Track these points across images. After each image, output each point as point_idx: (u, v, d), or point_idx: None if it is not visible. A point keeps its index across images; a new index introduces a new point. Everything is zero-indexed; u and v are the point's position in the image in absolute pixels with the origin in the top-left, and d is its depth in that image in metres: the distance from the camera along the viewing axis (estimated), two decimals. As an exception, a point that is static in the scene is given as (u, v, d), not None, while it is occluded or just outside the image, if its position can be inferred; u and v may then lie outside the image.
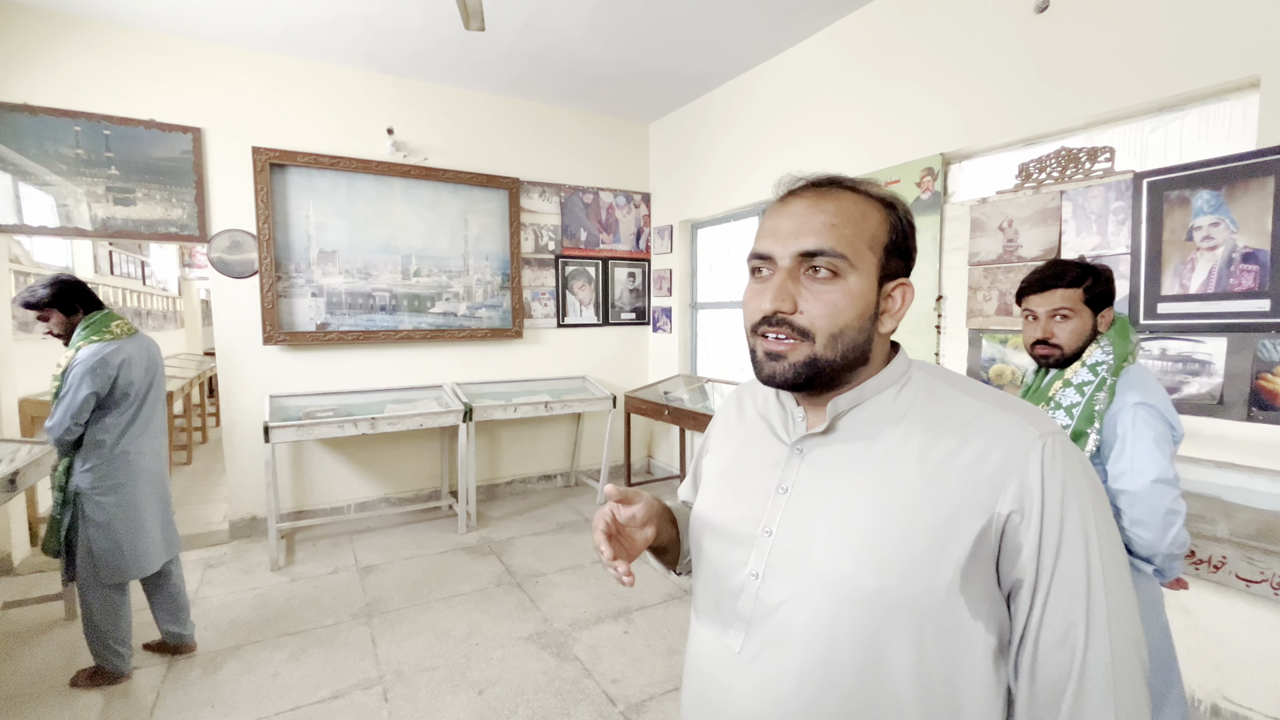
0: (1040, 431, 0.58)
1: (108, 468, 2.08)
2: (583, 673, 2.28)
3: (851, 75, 3.11)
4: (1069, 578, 0.55)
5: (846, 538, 0.60)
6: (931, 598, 0.56)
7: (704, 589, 0.72)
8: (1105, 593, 0.56)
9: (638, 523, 0.72)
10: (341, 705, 2.09)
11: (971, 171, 2.69)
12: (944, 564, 0.56)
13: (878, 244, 0.63)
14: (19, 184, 3.02)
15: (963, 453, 0.58)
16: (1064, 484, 0.56)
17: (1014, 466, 0.56)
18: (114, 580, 2.09)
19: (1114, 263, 2.15)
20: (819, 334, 0.61)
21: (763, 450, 0.71)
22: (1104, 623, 0.56)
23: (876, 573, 0.57)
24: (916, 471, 0.59)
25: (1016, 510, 0.56)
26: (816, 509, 0.63)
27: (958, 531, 0.56)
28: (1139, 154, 2.17)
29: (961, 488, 0.57)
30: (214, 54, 3.36)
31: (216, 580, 3.05)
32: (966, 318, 2.63)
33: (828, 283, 0.62)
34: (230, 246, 3.47)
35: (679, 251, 4.63)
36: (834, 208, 0.63)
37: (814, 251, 0.61)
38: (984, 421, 0.60)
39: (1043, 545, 0.55)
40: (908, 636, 0.57)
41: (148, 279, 7.23)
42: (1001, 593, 0.58)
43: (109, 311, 2.18)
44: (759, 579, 0.64)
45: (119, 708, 2.06)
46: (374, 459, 3.98)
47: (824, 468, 0.65)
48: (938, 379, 0.66)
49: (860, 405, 0.65)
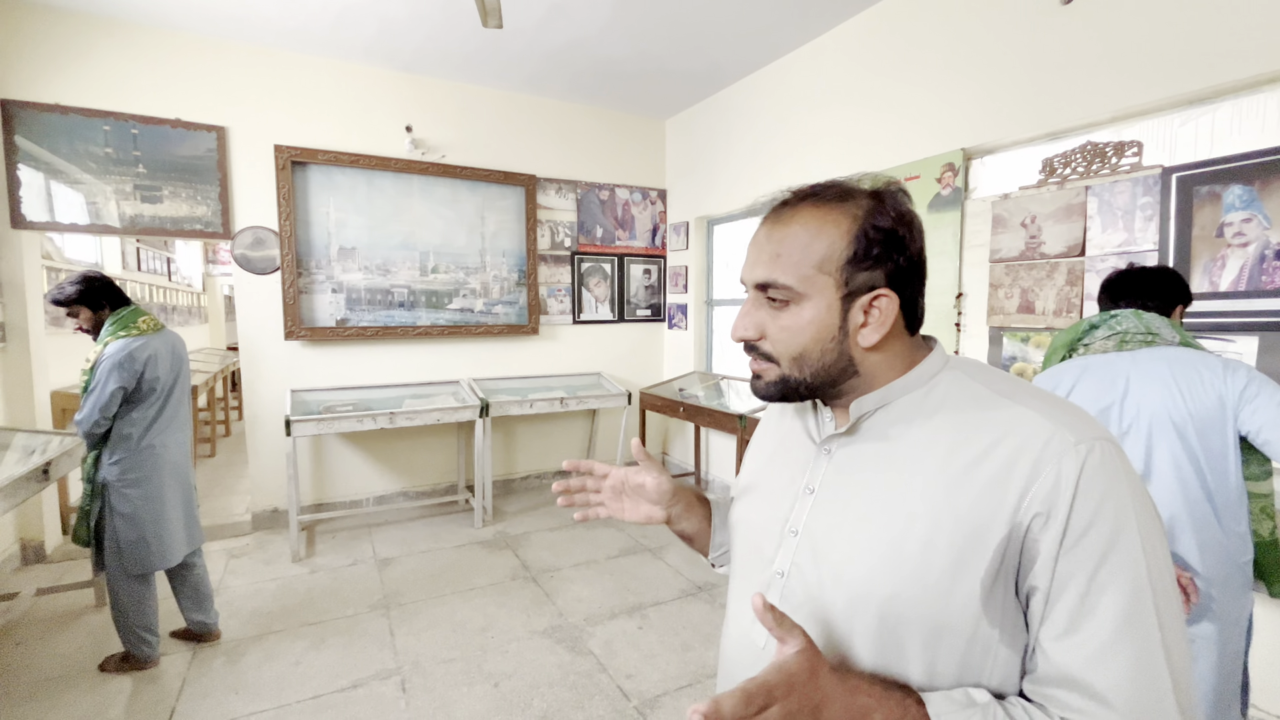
0: (1079, 438, 0.53)
1: (133, 461, 2.13)
2: (597, 667, 2.30)
3: (870, 70, 3.08)
4: (1114, 597, 0.50)
5: (864, 541, 0.59)
6: (948, 608, 0.54)
7: (736, 584, 0.74)
8: (1159, 611, 0.50)
9: (648, 497, 0.78)
10: (360, 694, 2.12)
11: (994, 167, 2.65)
12: (963, 575, 0.53)
13: (831, 264, 0.60)
14: (51, 182, 3.10)
15: (991, 459, 0.55)
16: (1103, 493, 0.51)
17: (1044, 468, 0.52)
18: (139, 571, 2.15)
19: (1140, 260, 2.11)
20: (781, 358, 0.64)
21: (796, 450, 0.71)
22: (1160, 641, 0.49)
23: (890, 579, 0.56)
24: (939, 477, 0.57)
25: (1042, 513, 0.51)
26: (839, 511, 0.63)
27: (980, 543, 0.53)
28: (1168, 148, 2.12)
29: (988, 496, 0.54)
30: (237, 54, 3.42)
31: (239, 570, 3.11)
32: (987, 315, 2.59)
33: (782, 310, 0.63)
34: (253, 243, 3.53)
35: (695, 248, 4.62)
36: (781, 235, 0.62)
37: (764, 284, 0.63)
38: (1019, 426, 0.55)
39: (1064, 553, 0.51)
40: (923, 645, 0.55)
41: (173, 275, 7.38)
42: (1019, 597, 0.55)
43: (136, 307, 2.23)
44: (784, 577, 0.65)
45: (146, 692, 2.12)
46: (392, 453, 4.03)
47: (848, 469, 0.64)
48: (974, 379, 0.62)
49: (886, 406, 0.63)
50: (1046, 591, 0.52)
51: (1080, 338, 1.52)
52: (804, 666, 0.50)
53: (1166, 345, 1.41)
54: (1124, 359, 1.42)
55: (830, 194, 0.62)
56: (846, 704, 0.51)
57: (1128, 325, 1.45)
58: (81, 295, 2.12)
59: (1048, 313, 2.37)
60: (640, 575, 3.09)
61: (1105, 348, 1.46)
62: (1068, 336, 1.56)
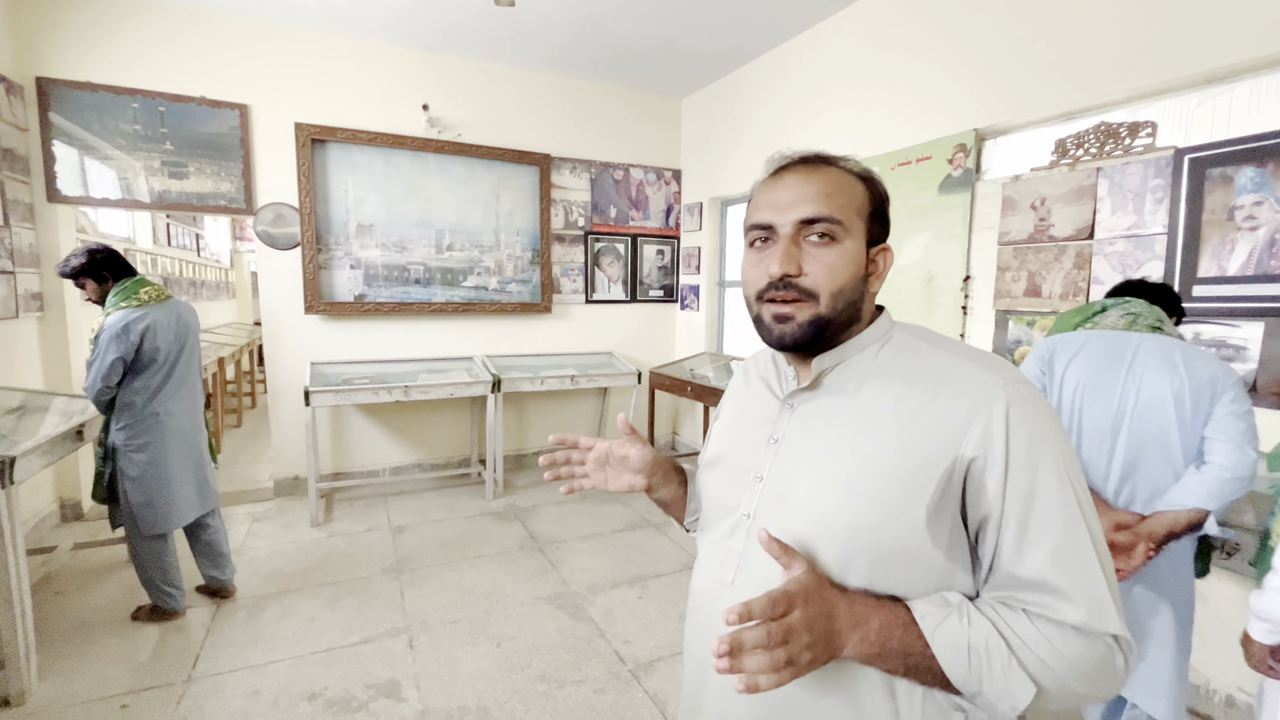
0: (1004, 380, 0.62)
1: (139, 427, 2.22)
2: (596, 633, 2.38)
3: (883, 49, 3.03)
4: (1049, 509, 0.59)
5: (826, 481, 0.66)
6: (901, 534, 0.61)
7: (705, 530, 0.80)
8: (1091, 516, 0.61)
9: (632, 467, 0.84)
10: (371, 649, 2.24)
11: (1006, 148, 2.61)
12: (913, 504, 0.61)
13: (864, 212, 0.68)
14: (84, 158, 3.23)
15: (933, 404, 0.63)
16: (1030, 428, 0.60)
17: (978, 414, 0.61)
18: (150, 531, 2.25)
19: (1149, 243, 2.08)
20: (822, 293, 0.66)
21: (761, 407, 0.77)
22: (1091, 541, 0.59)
23: (851, 512, 0.63)
24: (892, 422, 0.64)
25: (980, 455, 0.60)
26: (801, 457, 0.69)
27: (926, 475, 0.61)
28: (1184, 129, 2.07)
29: (931, 437, 0.62)
30: (259, 32, 3.49)
31: (261, 533, 3.26)
32: (994, 299, 2.58)
33: (826, 246, 0.66)
34: (275, 219, 3.63)
35: (708, 229, 4.62)
36: (824, 179, 0.68)
37: (813, 218, 0.66)
38: (954, 374, 0.64)
39: (1009, 485, 0.59)
40: (871, 566, 0.63)
41: (202, 251, 7.59)
42: (969, 529, 0.63)
43: (140, 278, 2.28)
44: (750, 518, 0.71)
45: (173, 640, 2.26)
46: (409, 426, 4.15)
47: (810, 420, 0.70)
48: (918, 338, 0.70)
49: (843, 363, 0.70)
50: (998, 519, 0.60)
51: (1090, 316, 1.55)
52: (813, 581, 0.59)
53: (1172, 338, 1.45)
54: (1134, 336, 1.45)
55: (838, 162, 0.70)
56: (850, 611, 0.60)
57: (1140, 309, 1.49)
58: (84, 268, 2.18)
59: (1054, 296, 2.35)
60: (643, 548, 3.16)
61: (1116, 324, 1.50)
62: (1077, 316, 1.58)
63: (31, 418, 2.58)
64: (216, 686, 2.02)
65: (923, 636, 0.58)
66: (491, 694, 2.01)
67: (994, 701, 0.57)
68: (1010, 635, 0.58)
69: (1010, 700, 0.56)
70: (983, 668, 0.57)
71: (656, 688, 2.06)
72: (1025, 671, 0.56)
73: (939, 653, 0.58)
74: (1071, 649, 0.57)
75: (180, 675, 2.07)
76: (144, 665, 2.11)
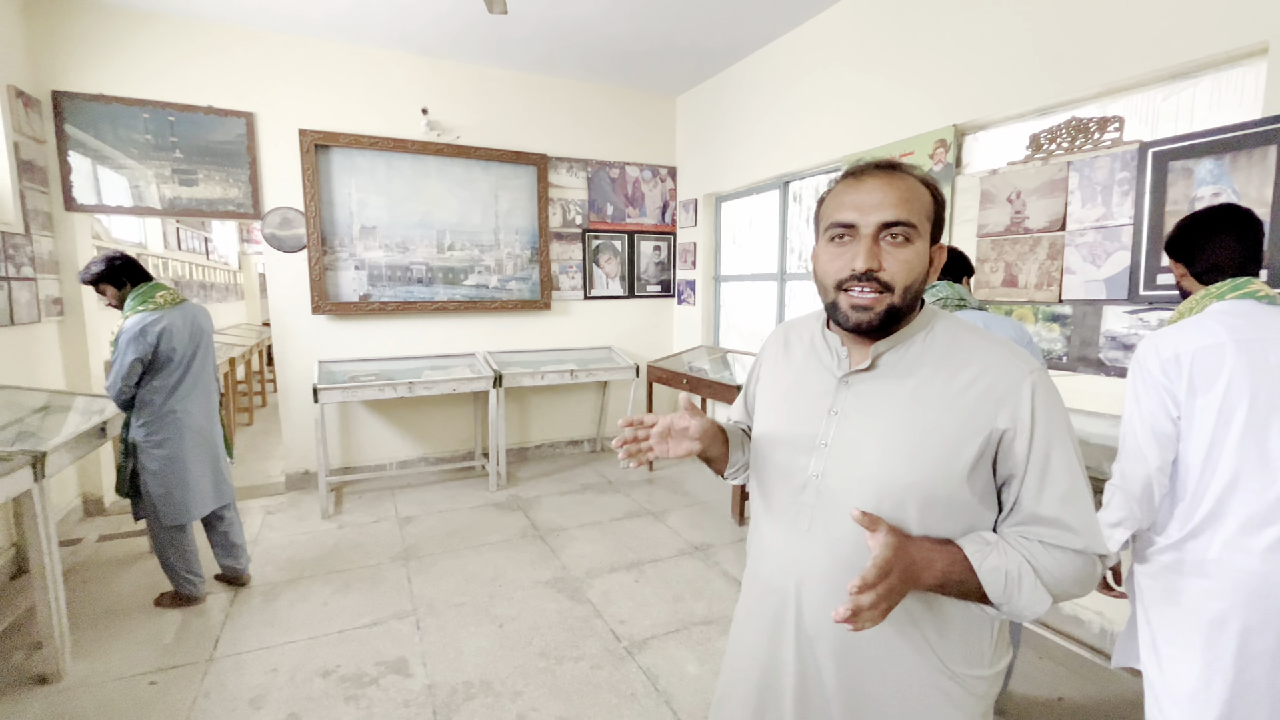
0: (1029, 368, 0.78)
1: (157, 424, 2.35)
2: (593, 614, 2.50)
3: (869, 47, 3.11)
4: (1060, 467, 0.77)
5: (889, 448, 0.80)
6: (948, 486, 0.78)
7: (775, 489, 0.92)
8: (1082, 473, 0.80)
9: (690, 435, 0.94)
10: (379, 630, 2.37)
11: (986, 142, 2.69)
12: (957, 463, 0.77)
13: (930, 216, 0.80)
14: (98, 167, 3.36)
15: (977, 384, 0.78)
16: (1049, 407, 0.77)
17: (1010, 394, 0.77)
18: (169, 522, 2.39)
19: (1117, 234, 2.16)
20: (897, 287, 0.78)
21: (816, 382, 0.89)
22: (1087, 489, 0.79)
23: (911, 470, 0.79)
24: (941, 398, 0.79)
25: (1010, 427, 0.76)
26: (863, 427, 0.83)
27: (968, 441, 0.77)
28: (1150, 123, 2.16)
29: (974, 411, 0.77)
30: (263, 41, 3.61)
31: (275, 525, 3.40)
32: (974, 289, 2.66)
33: (902, 247, 0.78)
34: (281, 223, 3.76)
35: (703, 225, 4.71)
36: (904, 186, 0.79)
37: (894, 221, 0.77)
38: (991, 361, 0.79)
39: (1033, 450, 0.77)
40: (921, 509, 0.79)
41: (211, 254, 7.75)
42: (995, 482, 0.80)
43: (156, 283, 2.41)
44: (819, 478, 0.85)
45: (194, 624, 2.40)
46: (414, 422, 4.28)
47: (868, 397, 0.84)
48: (957, 327, 0.84)
49: (895, 348, 0.83)
50: (1023, 473, 0.78)
51: None
52: (898, 543, 0.73)
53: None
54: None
55: (913, 171, 0.81)
56: (922, 558, 0.75)
57: (945, 291, 1.78)
58: (104, 274, 2.32)
59: (1029, 286, 2.44)
60: (641, 536, 3.28)
61: None
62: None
63: (55, 416, 2.72)
64: (237, 665, 2.15)
65: (973, 569, 0.75)
66: (494, 670, 2.14)
67: (1022, 610, 0.76)
68: (1036, 562, 0.76)
69: (1034, 608, 0.76)
70: (1014, 588, 0.75)
71: (649, 664, 2.18)
72: (1045, 587, 0.76)
73: (984, 578, 0.75)
74: (1073, 565, 0.77)
75: (203, 655, 2.20)
76: (169, 646, 2.25)
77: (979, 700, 0.84)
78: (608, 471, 4.39)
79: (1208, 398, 1.21)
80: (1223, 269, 1.31)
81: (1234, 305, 1.26)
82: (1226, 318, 1.25)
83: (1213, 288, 1.31)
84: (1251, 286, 1.27)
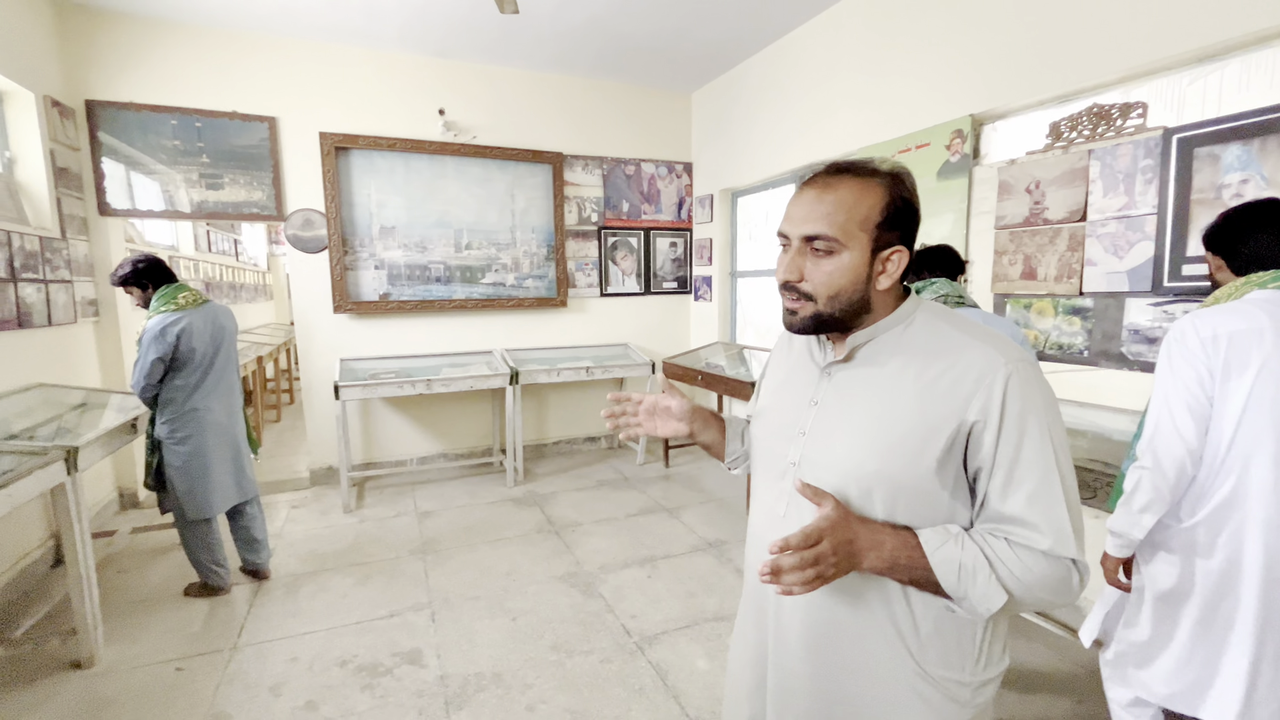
0: (1006, 360, 0.75)
1: (179, 422, 2.43)
2: (605, 608, 2.52)
3: (884, 37, 3.06)
4: (1031, 464, 0.74)
5: (859, 436, 0.81)
6: (915, 477, 0.77)
7: (760, 476, 0.96)
8: (1066, 469, 0.76)
9: (673, 414, 1.00)
10: (397, 622, 2.42)
11: (1004, 132, 2.63)
12: (926, 454, 0.76)
13: (869, 224, 0.78)
14: (130, 173, 3.48)
15: (947, 376, 0.77)
16: (1022, 400, 0.74)
17: (982, 386, 0.75)
18: (193, 516, 2.47)
19: (1140, 224, 2.10)
20: (819, 297, 0.80)
21: (804, 374, 0.92)
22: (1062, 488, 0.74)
23: (878, 459, 0.78)
24: (913, 389, 0.78)
25: (980, 419, 0.74)
26: (838, 416, 0.84)
27: (938, 432, 0.76)
28: (1175, 108, 2.08)
29: (944, 403, 0.76)
30: (284, 47, 3.69)
31: (299, 519, 3.50)
32: (992, 282, 2.61)
33: (825, 258, 0.79)
34: (303, 224, 3.85)
35: (719, 220, 4.69)
36: (833, 198, 0.78)
37: (813, 236, 0.79)
38: (966, 352, 0.77)
39: (1000, 444, 0.74)
40: (887, 498, 0.79)
41: (240, 256, 7.96)
42: (968, 475, 0.78)
43: (180, 285, 2.49)
44: (796, 465, 0.87)
45: (220, 613, 2.48)
46: (434, 418, 4.35)
47: (844, 386, 0.85)
48: (939, 319, 0.83)
49: (873, 340, 0.83)
50: (990, 468, 0.76)
51: None
52: (839, 515, 0.74)
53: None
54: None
55: (864, 170, 0.79)
56: (869, 537, 0.75)
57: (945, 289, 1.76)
58: (129, 277, 2.41)
59: (1049, 278, 2.38)
60: (655, 532, 3.29)
61: None
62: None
63: (92, 413, 2.83)
64: (259, 653, 2.22)
65: (925, 556, 0.74)
66: (506, 662, 2.17)
67: (975, 605, 0.74)
68: (993, 557, 0.74)
69: (987, 604, 0.73)
70: (969, 580, 0.73)
71: (659, 658, 2.19)
72: (1001, 583, 0.73)
73: (936, 568, 0.74)
74: (1040, 567, 0.73)
75: (227, 643, 2.28)
76: (196, 634, 2.33)
77: (961, 708, 0.81)
78: (624, 468, 4.40)
79: (1240, 381, 1.21)
80: (1264, 263, 1.30)
81: (1276, 295, 1.25)
82: (1269, 305, 1.24)
83: (1253, 276, 1.30)
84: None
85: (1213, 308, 1.30)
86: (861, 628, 0.82)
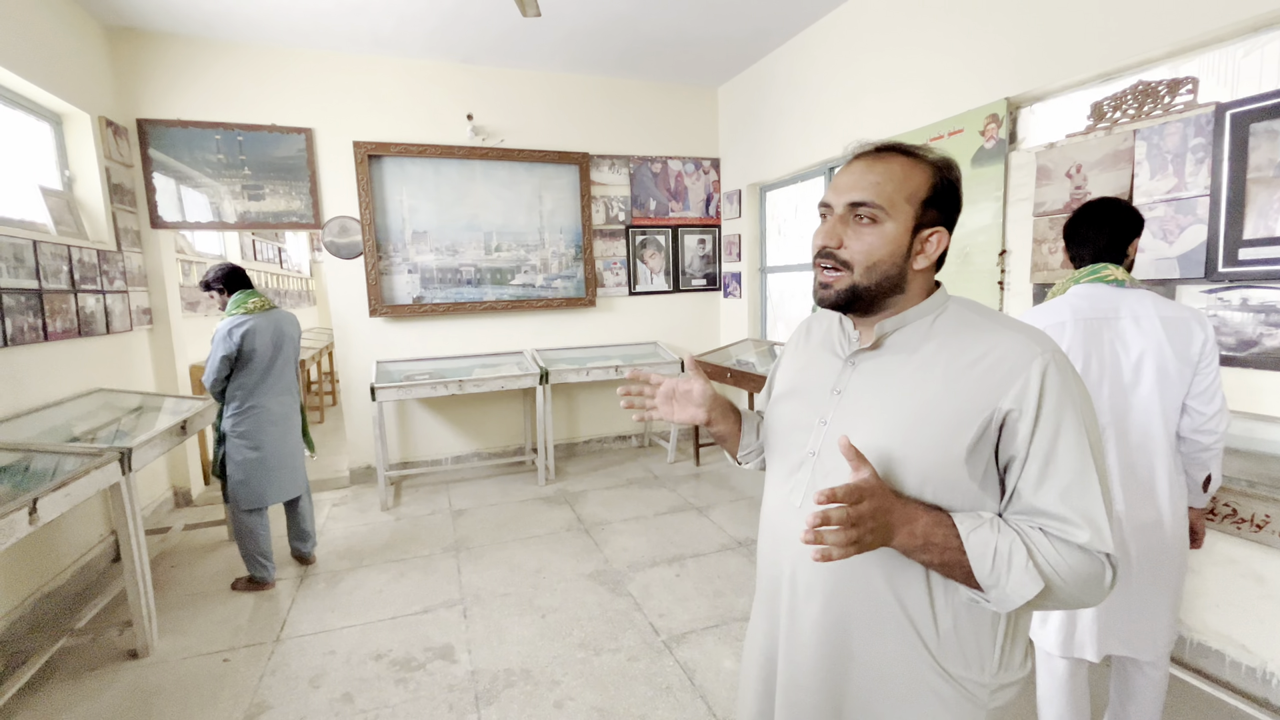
0: (1042, 349, 0.73)
1: (241, 417, 2.61)
2: (633, 607, 2.52)
3: (913, 21, 2.97)
4: (1067, 458, 0.71)
5: (884, 423, 0.79)
6: (944, 466, 0.75)
7: (775, 467, 0.94)
8: (1100, 465, 0.73)
9: (694, 400, 0.97)
10: (430, 617, 2.48)
11: (1042, 115, 2.52)
12: (956, 442, 0.74)
13: (916, 199, 0.78)
14: (180, 187, 3.66)
15: (981, 363, 0.75)
16: (1060, 391, 0.72)
17: (1019, 374, 0.72)
18: (246, 506, 2.62)
19: (1191, 206, 1.98)
20: (857, 266, 0.79)
21: (823, 366, 0.90)
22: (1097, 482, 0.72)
23: (904, 446, 0.76)
24: (942, 377, 0.76)
25: (1015, 408, 0.72)
26: (862, 404, 0.82)
27: (969, 420, 0.73)
28: (1229, 83, 1.95)
29: (976, 390, 0.74)
30: (318, 61, 3.82)
31: (339, 516, 3.61)
32: (1031, 272, 2.50)
33: (868, 227, 0.78)
34: (340, 231, 3.97)
35: (748, 215, 4.63)
36: (883, 168, 0.79)
37: (859, 202, 0.78)
38: (1001, 341, 0.75)
39: (1036, 435, 0.71)
40: (913, 487, 0.76)
41: (284, 264, 8.27)
42: (998, 467, 0.76)
43: (251, 291, 2.69)
44: (816, 455, 0.85)
45: (265, 607, 2.59)
46: (467, 418, 4.44)
47: (870, 374, 0.83)
48: (971, 310, 0.82)
49: (902, 328, 0.82)
50: (1024, 459, 0.73)
51: None
52: (878, 482, 0.71)
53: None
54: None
55: (914, 151, 0.80)
56: (903, 511, 0.72)
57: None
58: (212, 282, 2.66)
59: (1092, 267, 2.26)
60: (684, 530, 3.28)
61: None
62: None
63: (148, 416, 2.99)
64: (300, 646, 2.30)
65: (959, 537, 0.71)
66: (534, 658, 2.19)
67: (1009, 593, 0.70)
68: (1030, 544, 0.71)
69: (1023, 591, 0.69)
70: (1003, 566, 0.69)
71: (686, 657, 2.18)
72: (1039, 571, 0.69)
73: (970, 550, 0.70)
74: (1076, 559, 0.70)
75: (270, 636, 2.37)
76: (242, 627, 2.44)
77: (977, 708, 0.79)
78: (654, 466, 4.40)
79: None
80: (1083, 260, 1.51)
81: (1087, 289, 1.44)
82: (1075, 299, 1.43)
83: (1075, 273, 1.50)
84: (1104, 272, 1.44)
85: (1037, 306, 1.49)
86: (877, 621, 0.80)
